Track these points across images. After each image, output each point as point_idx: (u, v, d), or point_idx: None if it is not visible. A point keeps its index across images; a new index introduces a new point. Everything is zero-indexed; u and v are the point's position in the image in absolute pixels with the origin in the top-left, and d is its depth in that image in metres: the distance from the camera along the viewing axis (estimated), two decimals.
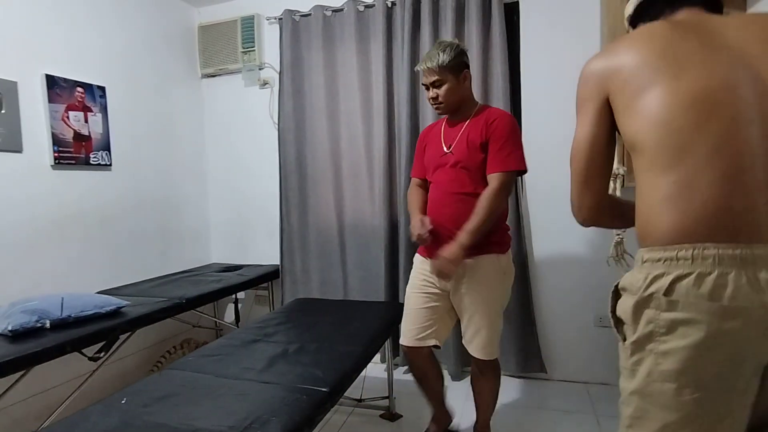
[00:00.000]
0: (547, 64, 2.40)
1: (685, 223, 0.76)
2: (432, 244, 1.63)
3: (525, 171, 1.66)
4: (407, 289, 1.80)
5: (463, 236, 1.53)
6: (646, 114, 0.81)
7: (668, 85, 0.80)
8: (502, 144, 1.58)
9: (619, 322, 0.86)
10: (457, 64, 1.62)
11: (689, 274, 0.75)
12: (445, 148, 1.69)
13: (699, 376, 0.75)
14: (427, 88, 1.67)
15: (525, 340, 2.42)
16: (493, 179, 1.58)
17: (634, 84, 0.84)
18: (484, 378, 1.77)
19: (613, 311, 0.87)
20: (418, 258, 1.80)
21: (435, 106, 1.69)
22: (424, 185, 1.80)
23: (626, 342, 0.83)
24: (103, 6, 2.42)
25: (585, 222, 0.97)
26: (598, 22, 2.28)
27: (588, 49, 2.29)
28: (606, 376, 2.36)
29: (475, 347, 1.68)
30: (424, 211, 1.73)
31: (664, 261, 0.78)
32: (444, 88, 1.62)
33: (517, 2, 2.43)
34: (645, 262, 0.82)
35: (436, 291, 1.71)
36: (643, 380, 0.80)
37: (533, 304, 2.45)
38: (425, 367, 1.80)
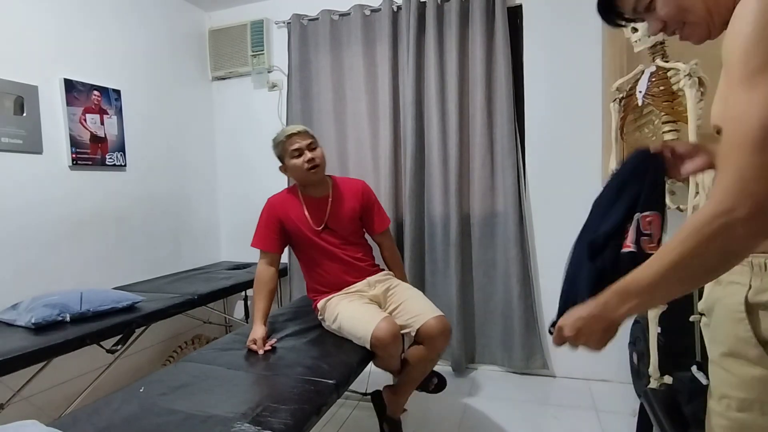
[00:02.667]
0: (550, 67, 2.44)
1: None
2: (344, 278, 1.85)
3: None
4: (345, 306, 1.76)
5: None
6: None
7: None
8: (378, 206, 1.96)
9: None
10: None
11: None
12: (318, 226, 1.82)
13: None
14: (301, 154, 1.75)
15: (529, 338, 2.47)
16: (387, 232, 1.99)
17: None
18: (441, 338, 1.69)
19: (756, 333, 0.66)
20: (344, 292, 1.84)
21: (312, 169, 1.76)
22: (275, 261, 1.90)
23: None
24: (118, 12, 2.51)
25: None
26: (600, 25, 2.32)
27: (590, 52, 2.36)
28: (606, 374, 2.40)
29: (431, 309, 1.75)
30: (269, 310, 1.78)
31: None
32: (319, 150, 1.79)
33: (521, 5, 2.48)
34: None
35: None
36: None
37: (536, 303, 2.49)
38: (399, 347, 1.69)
